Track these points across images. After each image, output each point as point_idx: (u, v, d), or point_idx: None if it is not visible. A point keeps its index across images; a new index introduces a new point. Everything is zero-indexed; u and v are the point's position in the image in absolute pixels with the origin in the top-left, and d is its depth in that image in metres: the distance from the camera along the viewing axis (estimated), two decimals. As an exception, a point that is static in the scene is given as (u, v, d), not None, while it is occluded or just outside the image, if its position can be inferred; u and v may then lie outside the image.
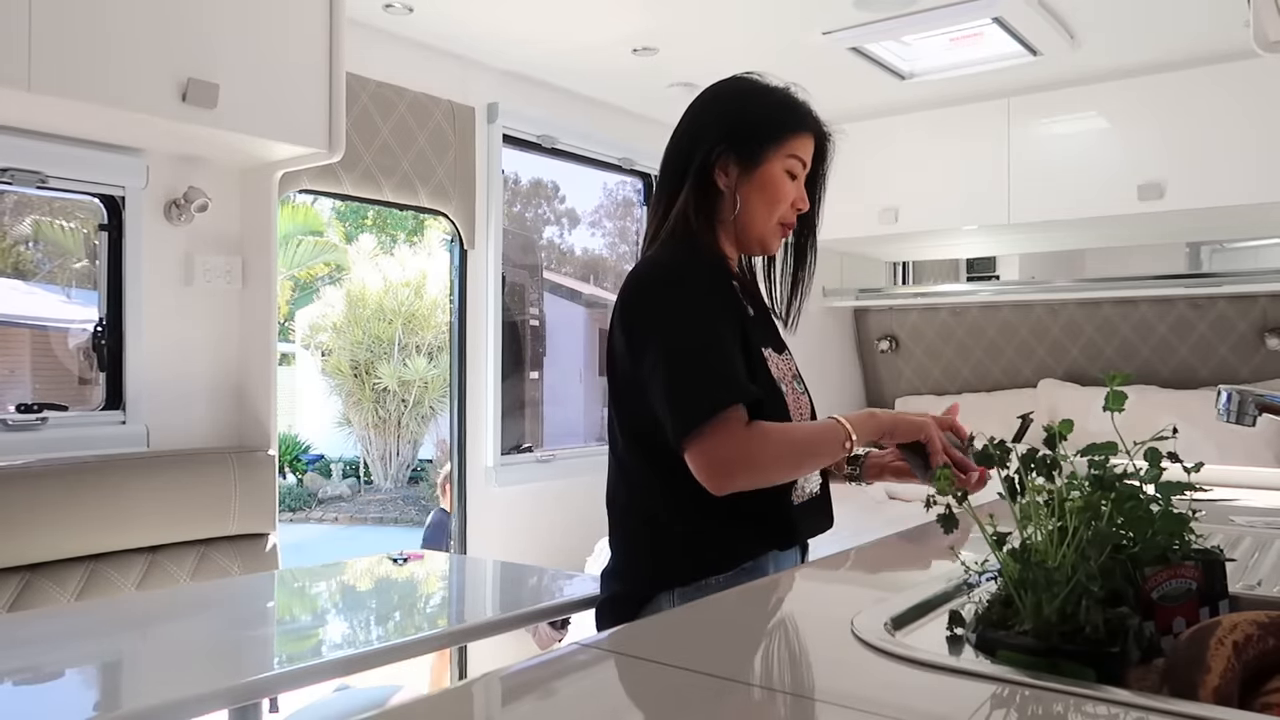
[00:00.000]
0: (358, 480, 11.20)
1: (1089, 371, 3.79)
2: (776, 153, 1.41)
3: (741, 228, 1.44)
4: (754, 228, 1.43)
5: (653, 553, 1.38)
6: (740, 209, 1.42)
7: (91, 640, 1.56)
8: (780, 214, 1.43)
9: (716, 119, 1.45)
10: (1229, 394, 1.22)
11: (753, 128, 1.42)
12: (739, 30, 3.05)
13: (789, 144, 1.42)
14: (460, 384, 3.35)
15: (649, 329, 1.34)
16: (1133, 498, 0.72)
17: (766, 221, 1.43)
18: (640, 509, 1.41)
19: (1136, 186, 3.29)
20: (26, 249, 4.40)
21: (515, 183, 3.99)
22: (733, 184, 1.41)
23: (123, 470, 2.19)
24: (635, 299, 1.38)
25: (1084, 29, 3.00)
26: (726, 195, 1.42)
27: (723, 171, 1.42)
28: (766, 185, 1.41)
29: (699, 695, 0.64)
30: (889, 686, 0.64)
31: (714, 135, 1.42)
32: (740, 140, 1.41)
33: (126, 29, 1.98)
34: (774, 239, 1.46)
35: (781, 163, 1.42)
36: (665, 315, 1.34)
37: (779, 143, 1.41)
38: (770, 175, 1.41)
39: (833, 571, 1.01)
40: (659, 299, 1.36)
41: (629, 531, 1.44)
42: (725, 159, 1.41)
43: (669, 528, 1.36)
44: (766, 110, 1.44)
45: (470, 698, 0.69)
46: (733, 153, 1.41)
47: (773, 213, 1.43)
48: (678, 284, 1.36)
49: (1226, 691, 0.61)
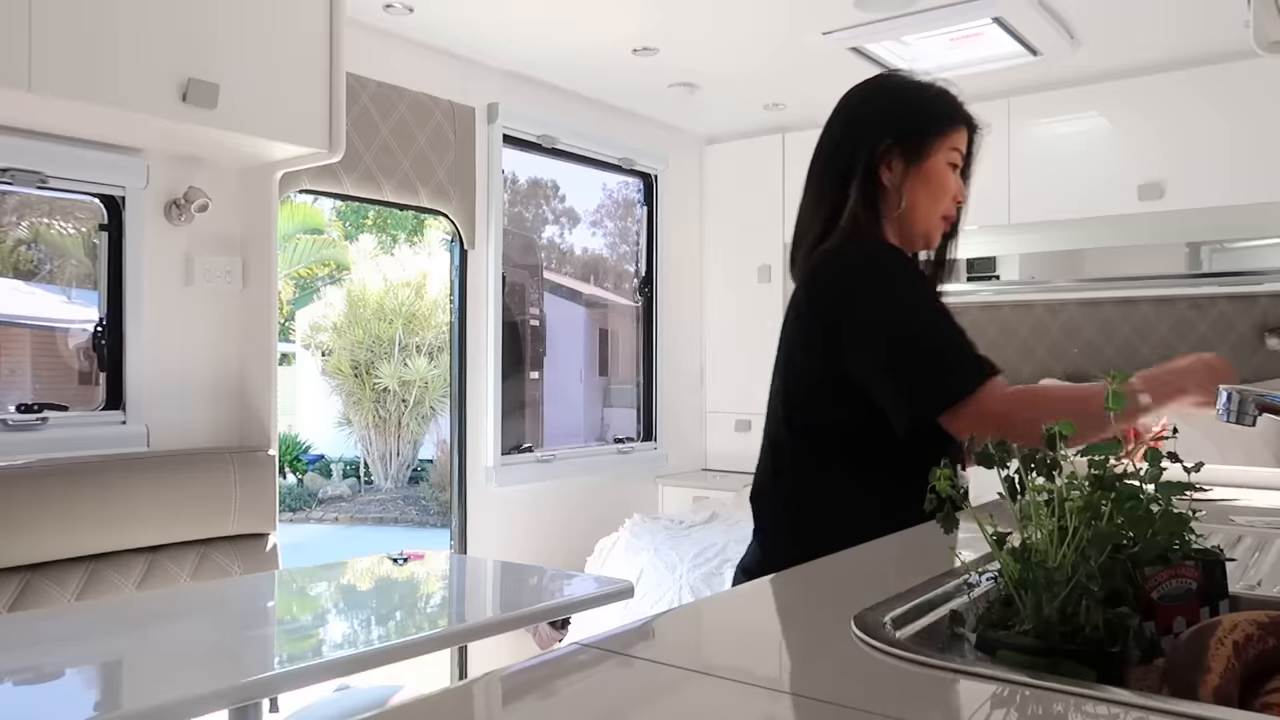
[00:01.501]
0: (358, 480, 11.20)
1: (1089, 371, 3.79)
2: (940, 146, 1.42)
3: (907, 223, 1.43)
4: (919, 222, 1.43)
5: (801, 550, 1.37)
6: (906, 204, 1.42)
7: (91, 640, 1.56)
8: (944, 208, 1.44)
9: (877, 116, 1.44)
10: (1229, 394, 1.22)
11: (916, 122, 1.42)
12: (739, 30, 3.05)
13: (950, 137, 1.42)
14: (460, 384, 3.35)
15: (877, 315, 1.33)
16: (1133, 498, 0.72)
17: (931, 215, 1.43)
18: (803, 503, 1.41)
19: (1136, 186, 3.29)
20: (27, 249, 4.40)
21: (515, 183, 3.98)
22: (898, 180, 1.41)
23: (123, 470, 2.19)
24: (843, 288, 1.36)
25: (1084, 29, 3.00)
26: (891, 191, 1.42)
27: (887, 168, 1.41)
28: (932, 179, 1.42)
29: (699, 695, 0.64)
30: (889, 686, 0.64)
31: (877, 132, 1.42)
32: (905, 135, 1.41)
33: (127, 29, 1.98)
34: (937, 232, 1.46)
35: (945, 155, 1.42)
36: (893, 300, 1.33)
37: (941, 135, 1.42)
38: (935, 168, 1.42)
39: (833, 571, 1.01)
40: (877, 286, 1.35)
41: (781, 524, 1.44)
42: (890, 155, 1.41)
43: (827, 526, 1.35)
44: (927, 104, 1.45)
45: (470, 698, 0.69)
46: (898, 148, 1.41)
47: (937, 206, 1.43)
48: (896, 269, 1.37)
49: (1226, 691, 0.61)
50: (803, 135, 4.07)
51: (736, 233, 4.28)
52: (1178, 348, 3.61)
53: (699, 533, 3.40)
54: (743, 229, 4.25)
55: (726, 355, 4.33)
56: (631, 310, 4.30)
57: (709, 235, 4.39)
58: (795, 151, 4.09)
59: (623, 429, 4.25)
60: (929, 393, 1.27)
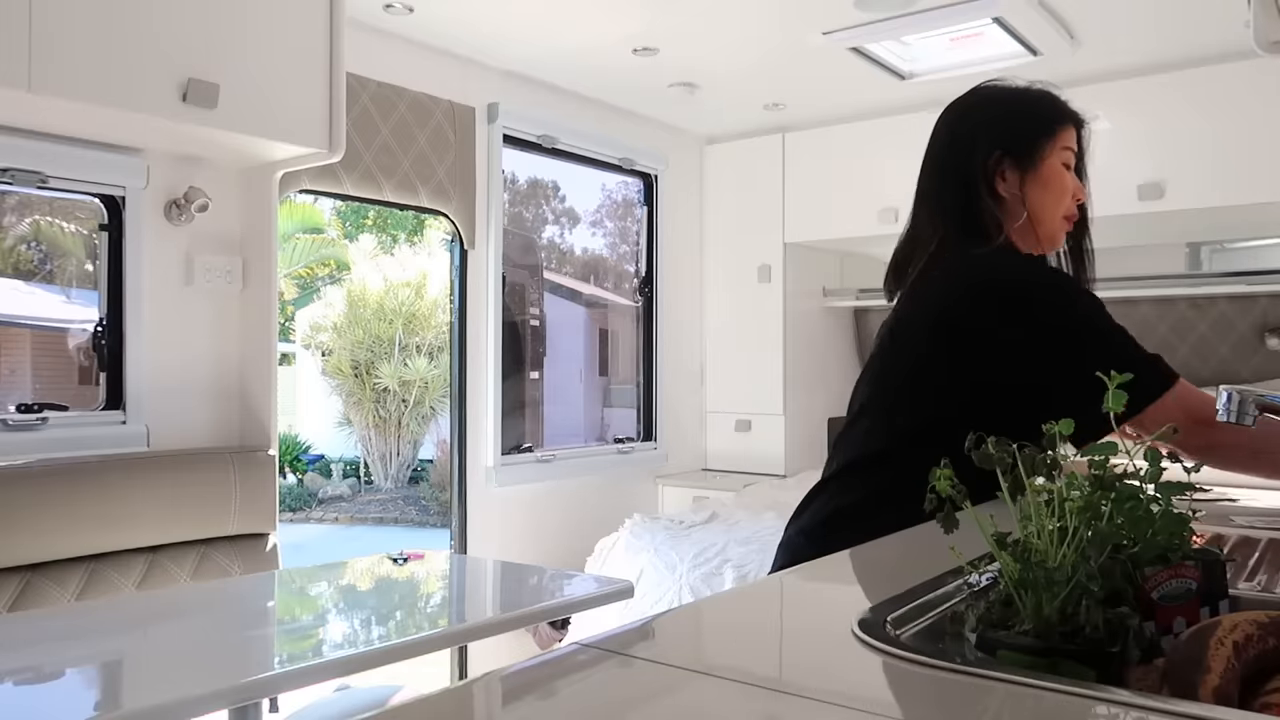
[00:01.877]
0: (358, 480, 11.20)
1: (1089, 371, 3.79)
2: (1052, 146, 1.42)
3: (1032, 229, 1.44)
4: (1044, 226, 1.44)
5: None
6: (1028, 211, 1.42)
7: (91, 640, 1.56)
8: (1065, 208, 1.44)
9: (983, 128, 1.45)
10: (1229, 394, 1.22)
11: (1024, 127, 1.43)
12: (739, 30, 3.05)
13: (1060, 136, 1.43)
14: (460, 384, 3.35)
15: (1072, 323, 1.34)
16: (1133, 498, 0.72)
17: (1054, 217, 1.44)
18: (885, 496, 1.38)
19: (1136, 186, 3.28)
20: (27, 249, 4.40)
21: (515, 183, 3.98)
22: (1015, 189, 1.42)
23: (123, 470, 2.19)
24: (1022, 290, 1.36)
25: (1084, 29, 3.00)
26: (1010, 200, 1.42)
27: (1001, 178, 1.42)
28: (1050, 181, 1.42)
29: (699, 695, 0.64)
30: (889, 686, 0.64)
31: (985, 145, 1.42)
32: (1014, 143, 1.42)
33: (126, 29, 1.98)
34: (1061, 234, 1.47)
35: (1058, 156, 1.43)
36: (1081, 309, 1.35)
37: (1052, 136, 1.42)
38: (1051, 170, 1.42)
39: (833, 571, 1.01)
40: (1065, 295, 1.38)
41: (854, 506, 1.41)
42: (1002, 166, 1.42)
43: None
44: (1031, 107, 1.46)
45: (470, 698, 0.69)
46: (1009, 157, 1.42)
47: (1059, 207, 1.43)
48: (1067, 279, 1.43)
49: (1226, 691, 0.61)
50: (803, 135, 4.08)
51: (736, 233, 4.28)
52: (1178, 348, 3.62)
53: (699, 533, 3.40)
54: (743, 229, 4.25)
55: (726, 355, 4.33)
56: (631, 310, 4.30)
57: (709, 235, 4.39)
58: (795, 151, 4.09)
59: (623, 429, 4.25)
60: (1143, 386, 1.27)
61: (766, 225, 4.15)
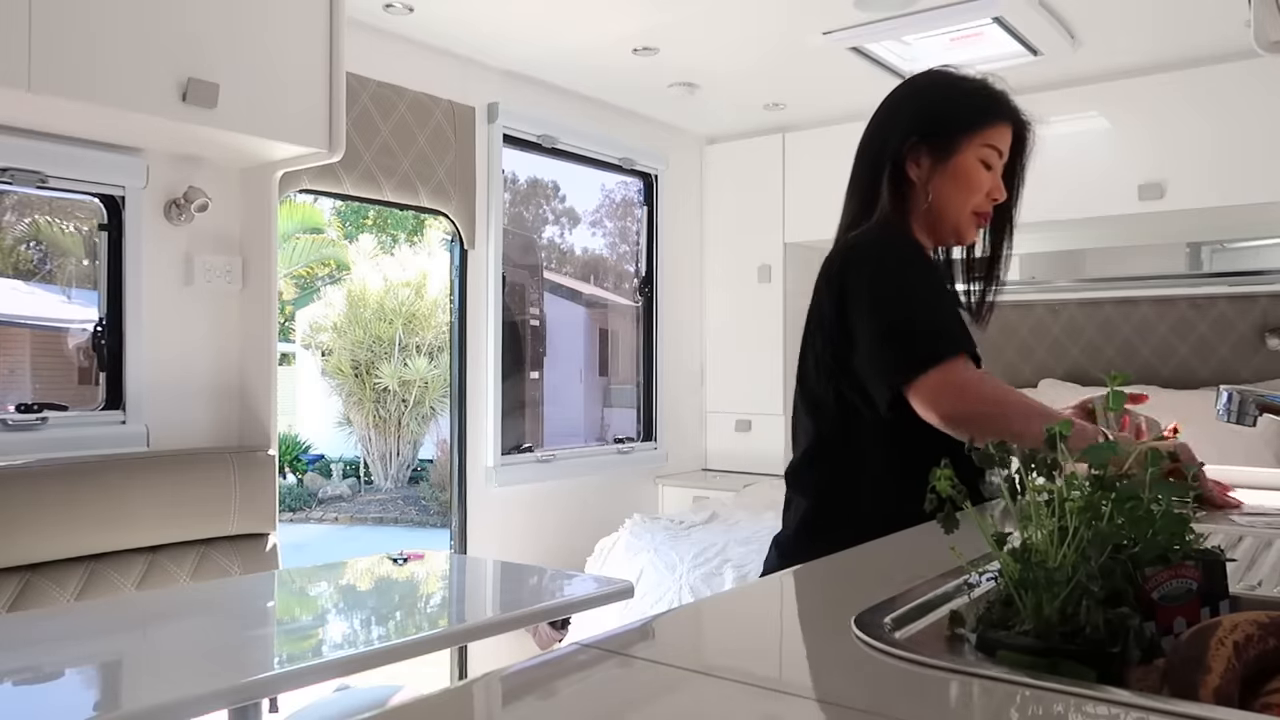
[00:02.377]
0: (358, 480, 11.20)
1: (1090, 371, 3.79)
2: (970, 142, 1.42)
3: (935, 218, 1.45)
4: (947, 218, 1.44)
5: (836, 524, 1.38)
6: (932, 199, 1.43)
7: (91, 640, 1.56)
8: (975, 203, 1.44)
9: (909, 112, 1.46)
10: (1229, 394, 1.22)
11: (945, 118, 1.43)
12: (739, 30, 3.05)
13: (984, 133, 1.42)
14: (460, 384, 3.35)
15: (870, 291, 1.35)
16: (1133, 498, 0.72)
17: (960, 212, 1.44)
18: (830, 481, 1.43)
19: (1136, 186, 3.28)
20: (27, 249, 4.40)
21: (515, 183, 3.98)
22: (925, 175, 1.43)
23: (123, 470, 2.19)
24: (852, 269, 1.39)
25: (1084, 29, 3.00)
26: (919, 187, 1.43)
27: (914, 163, 1.43)
28: (960, 175, 1.42)
29: (699, 695, 0.64)
30: (889, 686, 0.64)
31: (906, 128, 1.44)
32: (932, 131, 1.42)
33: (126, 29, 1.98)
34: (969, 229, 1.46)
35: (976, 152, 1.42)
36: (887, 278, 1.35)
37: (973, 132, 1.42)
38: (964, 164, 1.42)
39: (833, 571, 1.01)
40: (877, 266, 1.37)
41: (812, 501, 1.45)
42: (917, 151, 1.43)
43: (845, 504, 1.39)
44: (959, 100, 1.46)
45: (470, 698, 0.69)
46: (924, 144, 1.42)
47: (966, 203, 1.43)
48: (895, 252, 1.39)
49: (1227, 692, 0.61)
50: (803, 135, 4.07)
51: (736, 233, 4.28)
52: (1178, 348, 3.62)
53: (699, 533, 3.39)
54: (743, 229, 4.25)
55: (726, 355, 4.33)
56: (631, 310, 4.30)
57: (709, 235, 4.39)
58: (795, 151, 4.08)
59: (623, 429, 4.25)
60: (899, 360, 1.29)
61: (766, 225, 4.15)
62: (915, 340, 1.30)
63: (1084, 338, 3.84)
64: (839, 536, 1.13)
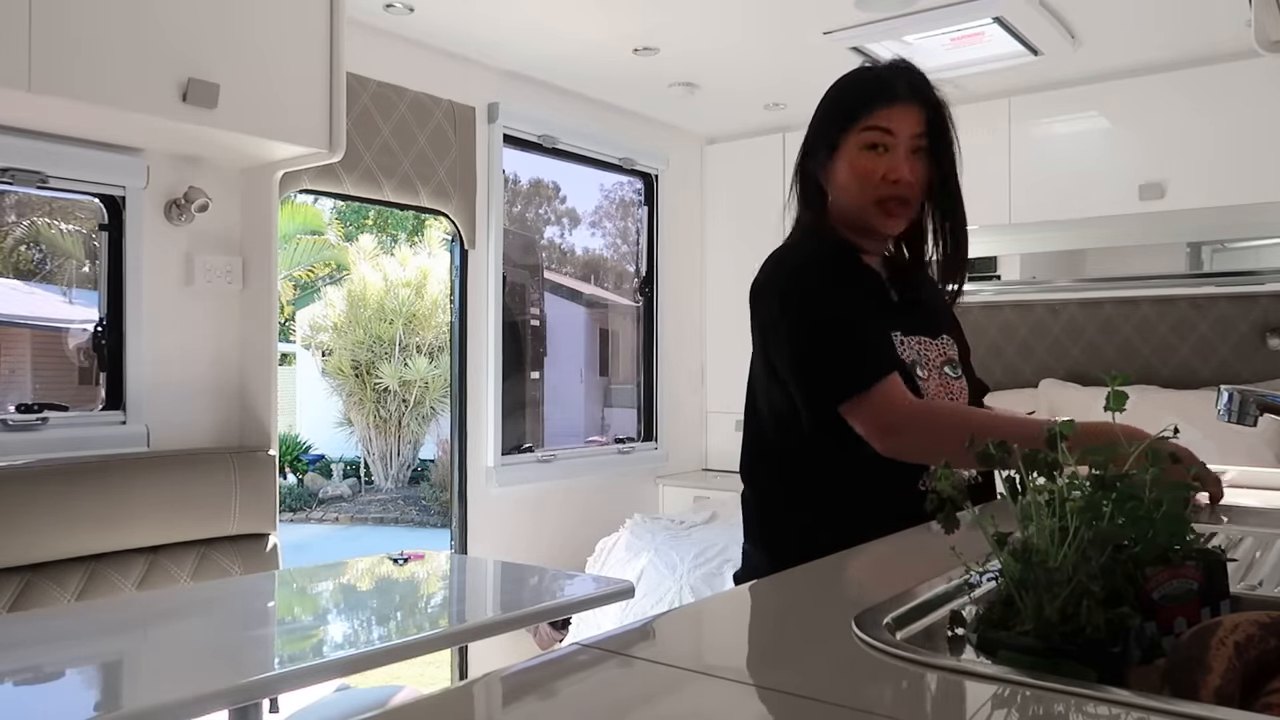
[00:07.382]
0: (358, 480, 11.20)
1: (1090, 371, 3.79)
2: (850, 132, 1.40)
3: (842, 214, 1.44)
4: (849, 211, 1.43)
5: (788, 538, 1.40)
6: (833, 196, 1.44)
7: (91, 640, 1.56)
8: (871, 192, 1.38)
9: (812, 120, 1.48)
10: (1230, 394, 1.22)
11: (828, 117, 1.44)
12: (739, 30, 3.05)
13: (864, 119, 1.38)
14: (461, 384, 3.35)
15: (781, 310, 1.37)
16: (1134, 498, 0.72)
17: (859, 204, 1.40)
18: (771, 489, 1.46)
19: (1137, 186, 3.28)
20: (27, 249, 4.40)
21: (516, 183, 3.98)
22: (826, 177, 1.43)
23: (123, 470, 2.19)
24: (761, 285, 1.42)
25: (1084, 29, 3.00)
26: (824, 186, 1.45)
27: (820, 166, 1.44)
28: (842, 170, 1.41)
29: (699, 695, 0.64)
30: (889, 686, 0.64)
31: (808, 136, 1.46)
32: (820, 132, 1.44)
33: (126, 29, 1.98)
34: (878, 219, 1.40)
35: (858, 140, 1.38)
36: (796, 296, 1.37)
37: (851, 122, 1.40)
38: (847, 156, 1.40)
39: (833, 571, 1.01)
40: (784, 282, 1.39)
41: (758, 510, 1.48)
42: (817, 151, 1.44)
43: (789, 510, 1.41)
44: (838, 93, 1.45)
45: (470, 698, 0.68)
46: (821, 144, 1.43)
47: (861, 194, 1.39)
48: (799, 267, 1.40)
49: (1228, 692, 0.61)
50: (803, 135, 4.07)
51: (736, 233, 4.28)
52: (1178, 348, 3.61)
53: (699, 533, 3.39)
54: (743, 229, 4.25)
55: (726, 355, 4.33)
56: (631, 310, 4.30)
57: (709, 235, 4.39)
58: (795, 151, 4.07)
59: (623, 429, 4.25)
60: (825, 387, 1.31)
61: (767, 225, 4.14)
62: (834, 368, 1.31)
63: (1084, 338, 3.84)
64: (789, 532, 1.15)
